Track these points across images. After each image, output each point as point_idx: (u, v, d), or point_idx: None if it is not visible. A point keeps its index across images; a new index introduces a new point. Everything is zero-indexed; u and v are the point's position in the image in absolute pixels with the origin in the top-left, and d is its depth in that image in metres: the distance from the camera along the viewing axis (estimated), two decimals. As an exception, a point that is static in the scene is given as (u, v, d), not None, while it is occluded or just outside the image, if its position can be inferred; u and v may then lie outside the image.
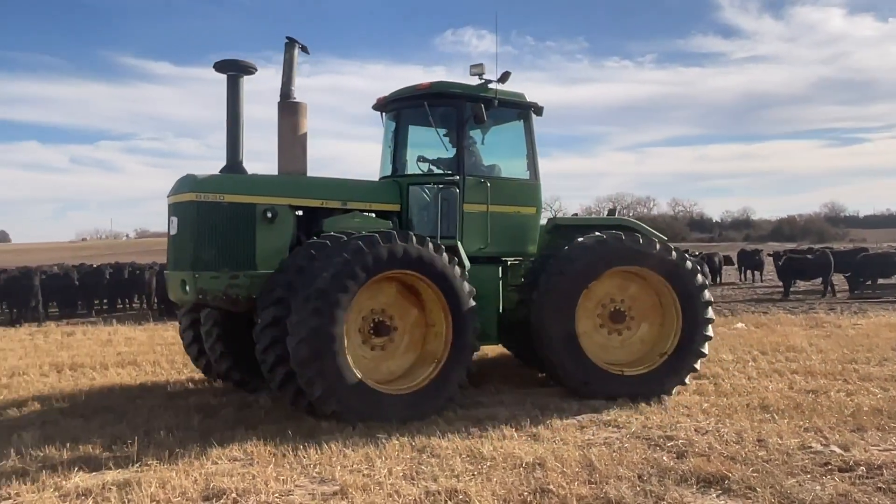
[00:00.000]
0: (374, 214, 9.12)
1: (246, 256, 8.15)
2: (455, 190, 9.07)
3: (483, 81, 9.21)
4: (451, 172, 9.24)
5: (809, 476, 5.82)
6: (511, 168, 9.92)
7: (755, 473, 5.82)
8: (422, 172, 9.56)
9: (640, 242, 9.12)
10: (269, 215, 8.27)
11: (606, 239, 9.04)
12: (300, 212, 8.76)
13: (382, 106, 10.08)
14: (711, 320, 9.44)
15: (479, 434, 7.17)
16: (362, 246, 7.55)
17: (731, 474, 5.76)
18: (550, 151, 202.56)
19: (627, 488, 5.56)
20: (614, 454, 6.42)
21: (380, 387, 7.80)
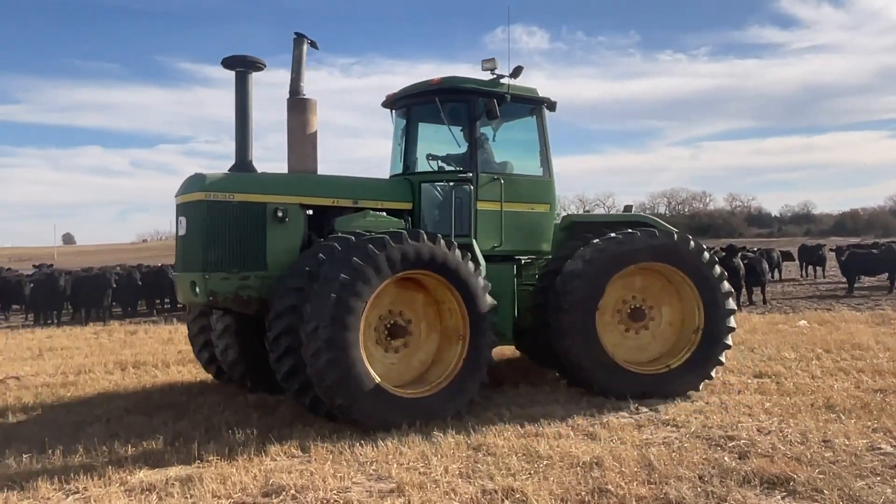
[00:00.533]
0: (386, 213, 8.92)
1: (256, 257, 8.02)
2: (468, 187, 8.89)
3: (495, 76, 9.05)
4: (464, 169, 9.06)
5: (879, 478, 5.63)
6: (524, 165, 9.71)
7: (821, 475, 5.65)
8: (434, 170, 9.35)
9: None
10: (280, 214, 8.14)
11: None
12: (311, 211, 8.61)
13: (392, 103, 9.90)
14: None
15: (535, 433, 7.12)
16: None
17: (797, 476, 5.61)
18: (603, 148, 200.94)
19: (688, 489, 5.45)
20: (674, 454, 6.31)
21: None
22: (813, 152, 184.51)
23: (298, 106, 8.97)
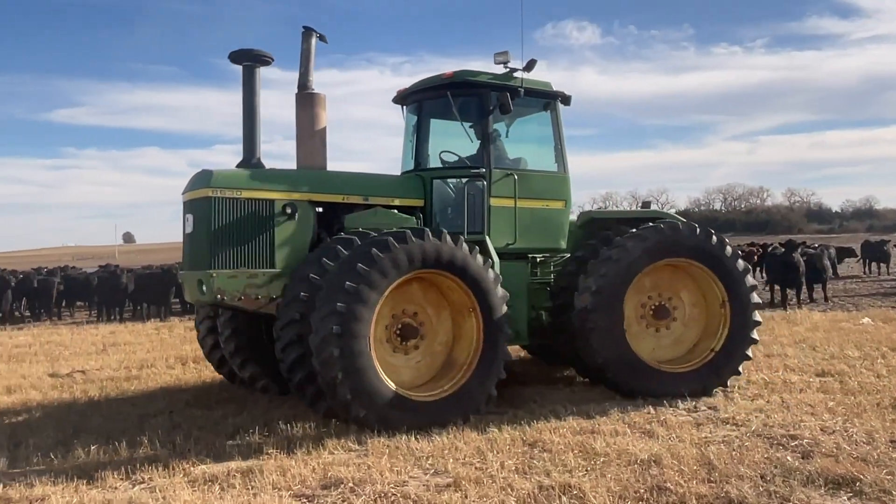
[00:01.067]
0: (398, 210, 8.72)
1: (264, 254, 7.85)
2: (481, 183, 8.70)
3: (508, 70, 8.84)
4: (477, 165, 8.86)
5: (951, 480, 5.44)
6: (538, 161, 9.47)
7: (889, 476, 5.50)
8: (445, 166, 9.17)
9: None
10: (289, 211, 7.98)
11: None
12: (320, 208, 8.45)
13: (402, 99, 9.71)
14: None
15: (591, 429, 7.07)
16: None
17: (863, 476, 5.46)
18: (656, 143, 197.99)
19: (750, 488, 5.35)
20: (734, 453, 6.20)
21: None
22: (875, 146, 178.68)
23: (307, 101, 8.81)
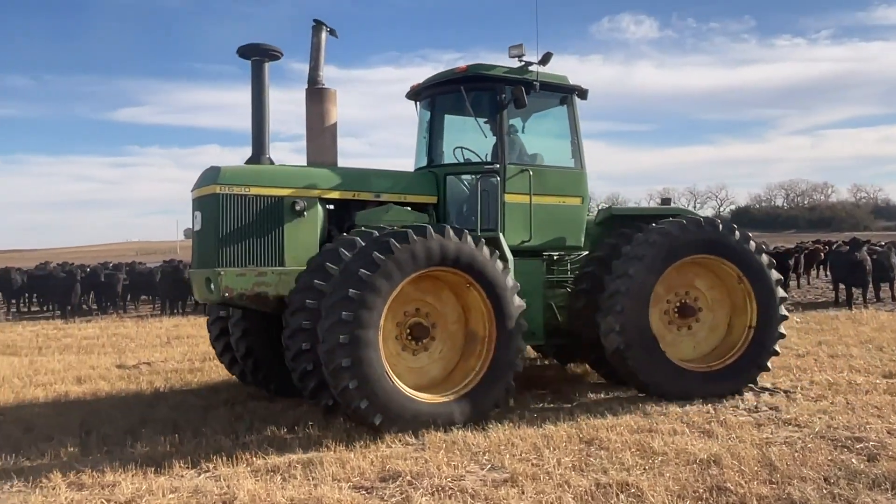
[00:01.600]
0: (410, 207, 8.61)
1: (273, 252, 7.75)
2: (495, 179, 8.52)
3: (523, 63, 8.69)
4: (491, 161, 8.70)
5: None
6: (554, 156, 9.28)
7: (961, 481, 5.33)
8: (459, 162, 8.98)
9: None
10: (298, 208, 7.85)
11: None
12: (331, 205, 8.35)
13: (416, 94, 9.55)
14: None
15: (649, 428, 7.02)
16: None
17: (933, 481, 5.31)
18: (715, 138, 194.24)
19: (812, 490, 5.25)
20: (797, 454, 6.08)
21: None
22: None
23: (317, 96, 8.70)
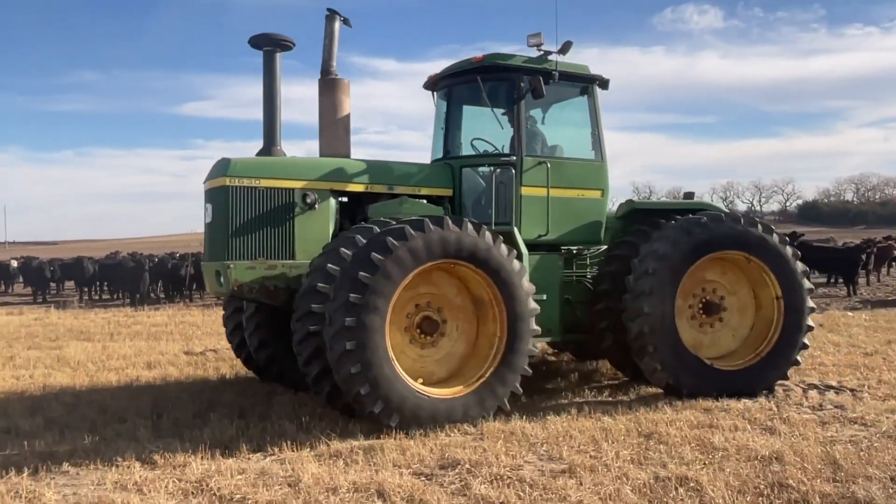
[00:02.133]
0: (426, 200, 8.47)
1: (284, 245, 7.68)
2: (511, 172, 8.33)
3: (542, 53, 8.51)
4: (507, 153, 8.55)
5: None
6: (574, 148, 9.08)
7: None
8: (476, 154, 8.85)
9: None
10: (309, 201, 7.76)
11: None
12: (344, 197, 8.26)
13: (433, 84, 9.41)
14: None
15: (709, 424, 6.97)
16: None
17: None
18: (782, 131, 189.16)
19: (878, 489, 5.17)
20: (862, 453, 5.96)
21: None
22: None
23: (330, 86, 8.57)
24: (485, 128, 8.94)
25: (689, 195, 10.00)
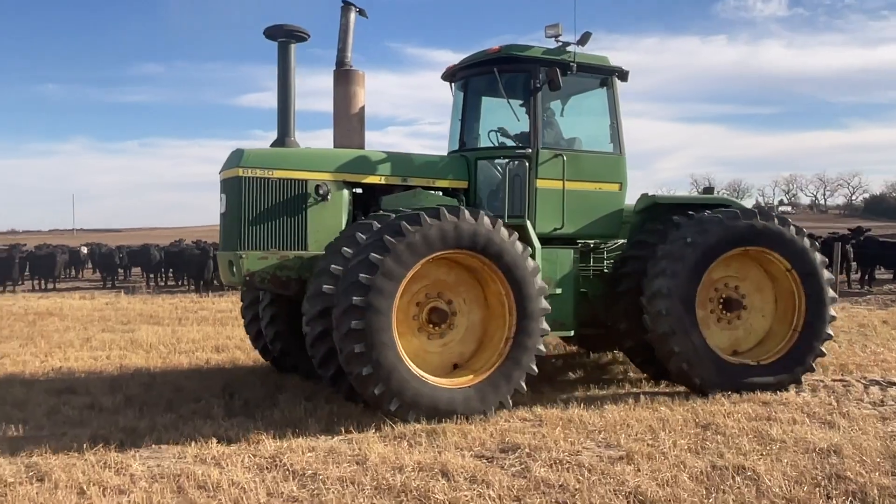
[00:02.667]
0: (441, 192, 8.43)
1: (297, 236, 7.70)
2: (525, 164, 8.24)
3: (560, 44, 8.42)
4: (522, 145, 8.46)
5: None
6: (593, 140, 9.00)
7: None
8: (493, 146, 8.78)
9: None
10: (322, 192, 7.77)
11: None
12: (357, 189, 8.24)
13: (451, 75, 9.34)
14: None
15: (767, 416, 7.03)
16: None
17: None
18: (848, 122, 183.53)
19: (938, 484, 5.19)
20: (923, 449, 5.98)
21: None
22: None
23: (345, 78, 8.57)
24: (503, 119, 8.92)
25: (709, 190, 10.02)
